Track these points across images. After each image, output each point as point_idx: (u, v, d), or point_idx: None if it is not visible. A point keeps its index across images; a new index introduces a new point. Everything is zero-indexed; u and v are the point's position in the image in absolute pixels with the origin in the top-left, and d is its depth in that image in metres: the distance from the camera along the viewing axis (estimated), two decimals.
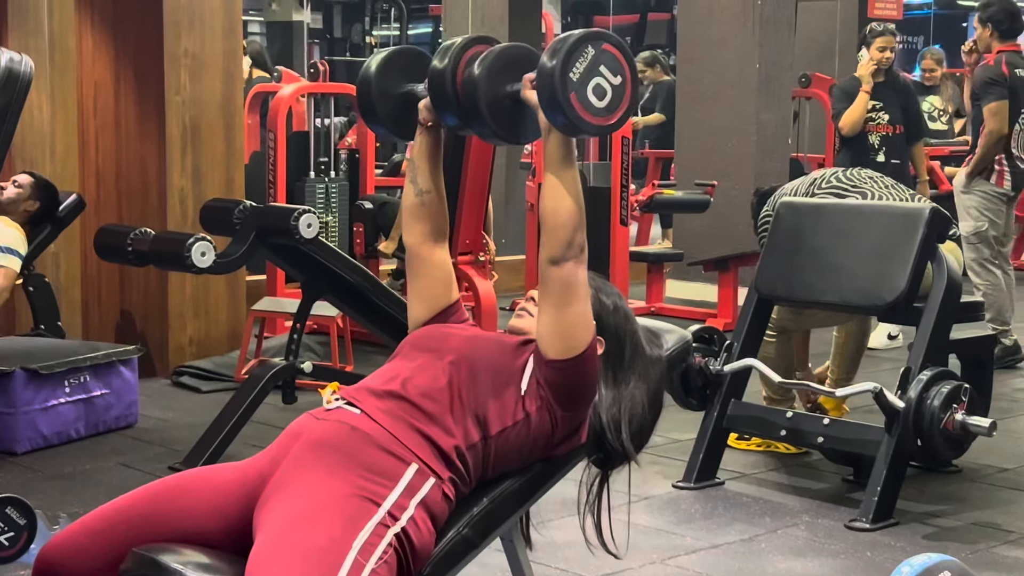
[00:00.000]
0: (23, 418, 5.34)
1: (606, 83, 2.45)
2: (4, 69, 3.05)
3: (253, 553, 2.26)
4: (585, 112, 2.43)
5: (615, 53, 2.47)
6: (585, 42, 2.44)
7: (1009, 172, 7.02)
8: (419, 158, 2.82)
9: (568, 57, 2.41)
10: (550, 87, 2.42)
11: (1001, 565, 4.16)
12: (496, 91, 2.56)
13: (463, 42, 2.72)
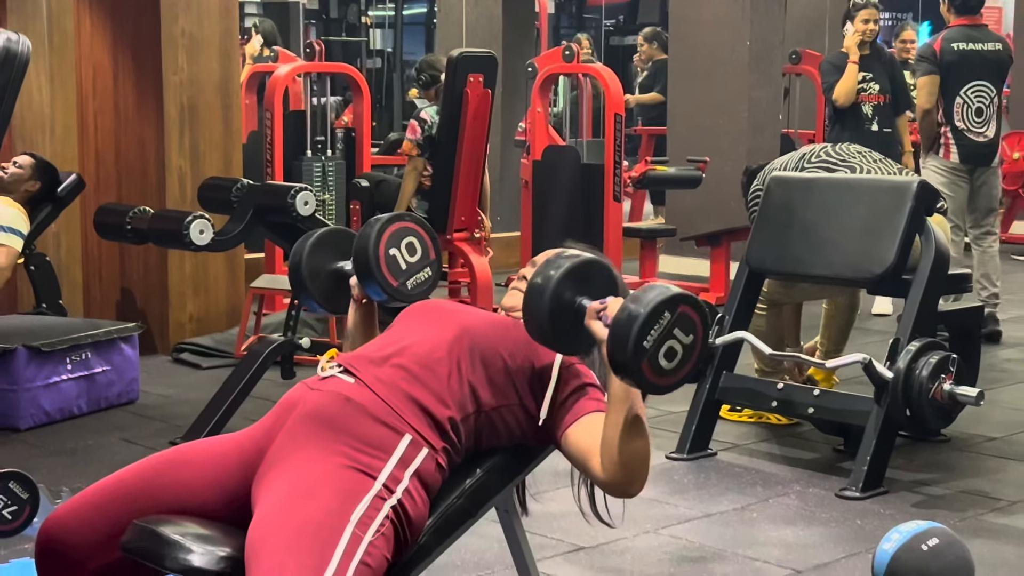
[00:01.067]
0: (25, 395, 5.35)
1: (678, 345, 2.33)
2: (1, 48, 3.05)
3: (252, 528, 2.27)
4: (652, 374, 2.32)
5: (691, 315, 2.35)
6: (663, 307, 2.30)
7: (955, 144, 7.02)
8: (353, 330, 2.87)
9: (649, 324, 2.28)
10: (621, 355, 2.30)
11: (989, 532, 4.18)
12: (562, 299, 2.43)
13: (386, 219, 2.76)
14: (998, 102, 7.09)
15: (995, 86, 7.06)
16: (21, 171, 6.00)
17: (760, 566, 3.90)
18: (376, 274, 2.73)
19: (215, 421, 4.71)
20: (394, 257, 2.75)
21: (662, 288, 2.32)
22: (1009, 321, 7.57)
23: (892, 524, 3.71)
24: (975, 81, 6.99)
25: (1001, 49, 7.11)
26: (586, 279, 2.45)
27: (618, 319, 2.30)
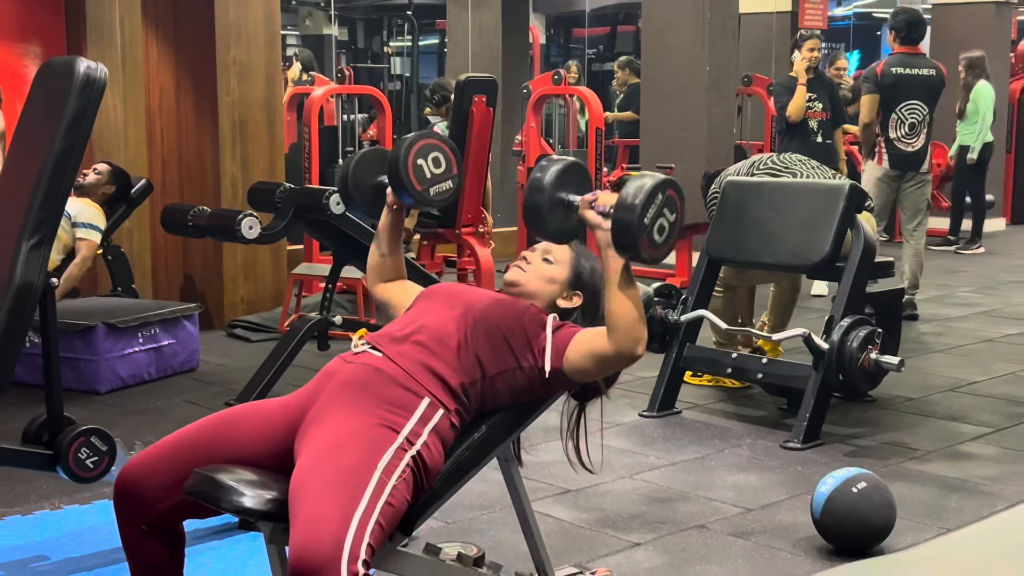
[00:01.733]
0: (104, 364, 5.36)
1: (666, 222, 2.41)
2: (83, 75, 3.04)
3: (295, 474, 2.27)
4: (650, 248, 2.39)
5: (675, 197, 2.43)
6: (656, 191, 2.38)
7: (887, 153, 7.03)
8: (383, 231, 2.86)
9: (644, 206, 2.35)
10: (626, 231, 2.36)
11: (908, 477, 4.19)
12: (556, 199, 2.52)
13: (412, 138, 2.76)
14: (929, 119, 7.04)
15: (927, 105, 7.02)
16: (100, 177, 6.01)
17: (717, 505, 3.91)
18: (404, 180, 2.73)
19: (263, 385, 4.71)
20: (421, 166, 2.74)
21: (652, 175, 2.40)
22: (926, 300, 7.58)
23: (828, 470, 3.73)
24: (909, 100, 6.98)
25: (934, 74, 7.08)
26: (569, 177, 2.53)
27: (622, 204, 2.37)
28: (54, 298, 3.22)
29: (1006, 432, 4.78)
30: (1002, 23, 11.67)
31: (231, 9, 6.67)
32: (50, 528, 3.68)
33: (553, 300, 2.68)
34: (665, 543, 3.58)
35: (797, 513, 3.80)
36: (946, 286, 8.39)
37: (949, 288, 8.31)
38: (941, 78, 7.11)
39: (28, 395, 4.09)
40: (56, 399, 3.28)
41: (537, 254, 2.73)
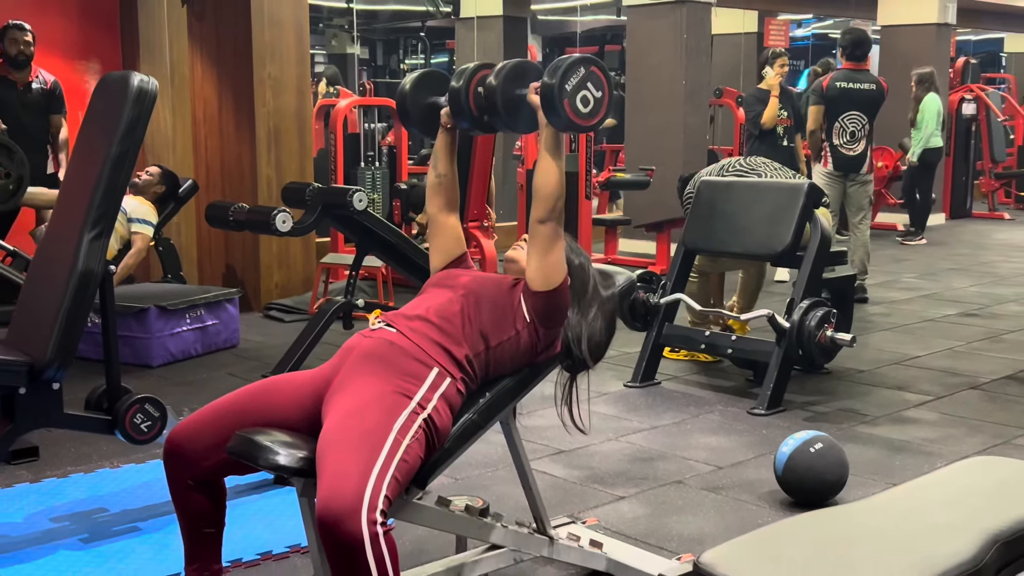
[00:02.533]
0: (156, 341, 5.37)
1: (591, 95, 2.43)
2: (137, 88, 3.04)
3: (322, 435, 2.27)
4: (574, 115, 2.42)
5: (599, 74, 2.46)
6: (578, 64, 2.42)
7: (832, 156, 7.03)
8: (440, 151, 2.81)
9: (564, 74, 2.40)
10: (550, 95, 2.42)
11: (859, 438, 4.20)
12: (509, 92, 2.56)
13: (473, 68, 2.71)
14: (869, 127, 7.02)
15: (867, 115, 6.99)
16: (151, 178, 6.02)
17: (692, 464, 3.92)
18: (466, 110, 2.70)
19: (295, 360, 4.71)
20: (480, 93, 2.69)
21: (578, 54, 2.42)
22: (875, 285, 7.58)
23: (788, 433, 3.74)
24: (851, 111, 6.98)
25: (874, 88, 7.04)
26: (521, 75, 2.56)
27: (546, 77, 2.43)
28: (112, 283, 3.22)
29: (944, 400, 4.78)
30: (941, 43, 11.65)
31: (266, 31, 6.66)
32: (110, 484, 3.70)
33: None
34: (647, 496, 3.59)
35: (762, 470, 3.81)
36: (893, 272, 8.39)
37: (895, 274, 8.32)
38: (881, 92, 7.08)
39: (90, 368, 4.10)
40: (114, 372, 3.29)
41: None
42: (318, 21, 13.70)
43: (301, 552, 3.09)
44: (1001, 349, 5.78)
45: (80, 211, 3.03)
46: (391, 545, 2.12)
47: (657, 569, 2.85)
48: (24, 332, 3.11)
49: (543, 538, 2.81)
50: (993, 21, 15.95)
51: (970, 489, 1.98)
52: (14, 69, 6.19)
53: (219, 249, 7.01)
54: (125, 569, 2.99)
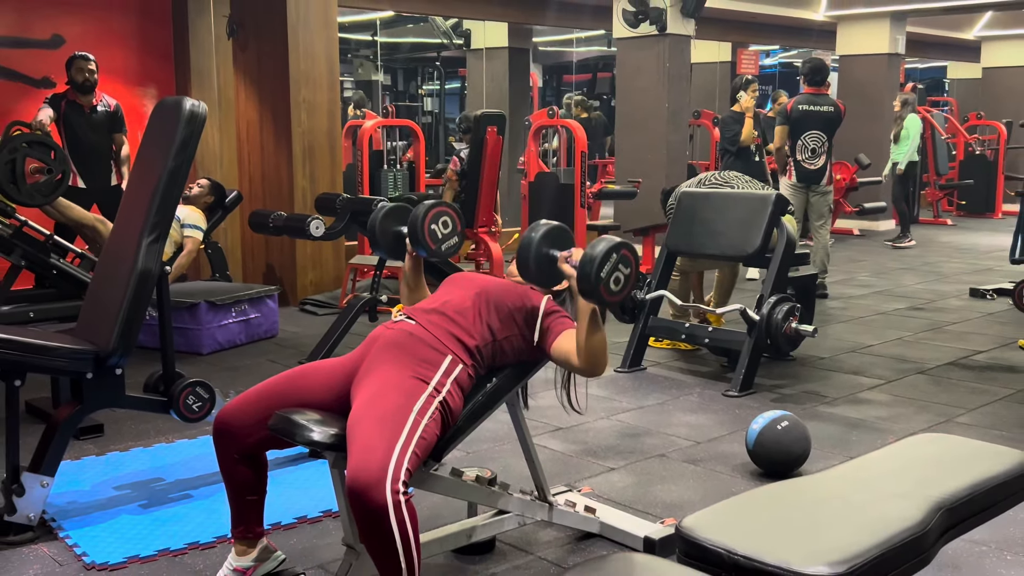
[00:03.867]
0: (206, 332, 5.38)
1: (621, 275, 2.37)
2: (189, 111, 3.04)
3: (351, 415, 2.28)
4: (607, 294, 2.35)
5: (628, 256, 2.38)
6: (610, 253, 2.34)
7: (795, 170, 7.02)
8: (407, 273, 2.84)
9: (600, 265, 2.32)
10: (588, 282, 2.33)
11: (820, 417, 4.19)
12: (541, 252, 2.48)
13: (427, 207, 2.74)
14: (828, 145, 6.99)
15: (826, 134, 6.97)
16: (202, 189, 6.02)
17: (674, 439, 3.92)
18: (422, 241, 2.73)
19: (326, 348, 4.71)
20: (434, 231, 2.74)
21: (609, 239, 2.37)
22: (834, 283, 7.57)
23: (758, 412, 3.74)
24: (811, 131, 6.96)
25: (832, 110, 7.00)
26: (553, 237, 2.51)
27: (584, 261, 2.35)
28: (167, 281, 3.23)
29: (895, 383, 4.77)
30: (892, 70, 11.63)
31: (301, 60, 6.66)
32: (165, 457, 3.70)
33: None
34: (634, 468, 3.58)
35: (735, 445, 3.81)
36: (850, 272, 8.37)
37: (852, 273, 8.30)
38: (839, 113, 7.03)
39: (148, 356, 4.11)
40: (170, 359, 3.30)
41: None
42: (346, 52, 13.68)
43: (332, 516, 3.09)
44: (944, 339, 5.77)
45: (140, 218, 3.03)
46: (411, 511, 2.12)
47: (643, 531, 2.85)
48: (91, 324, 3.12)
49: (544, 504, 2.81)
50: (937, 51, 15.92)
51: (917, 462, 1.98)
52: (81, 94, 6.19)
53: (260, 251, 7.02)
54: (179, 531, 2.99)
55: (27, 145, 4.94)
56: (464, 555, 2.81)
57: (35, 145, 4.98)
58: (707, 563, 1.58)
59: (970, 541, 2.89)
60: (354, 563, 2.36)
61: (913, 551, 1.62)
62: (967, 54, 15.64)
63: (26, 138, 4.99)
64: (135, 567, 2.76)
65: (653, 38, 8.96)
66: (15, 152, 4.88)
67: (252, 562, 2.55)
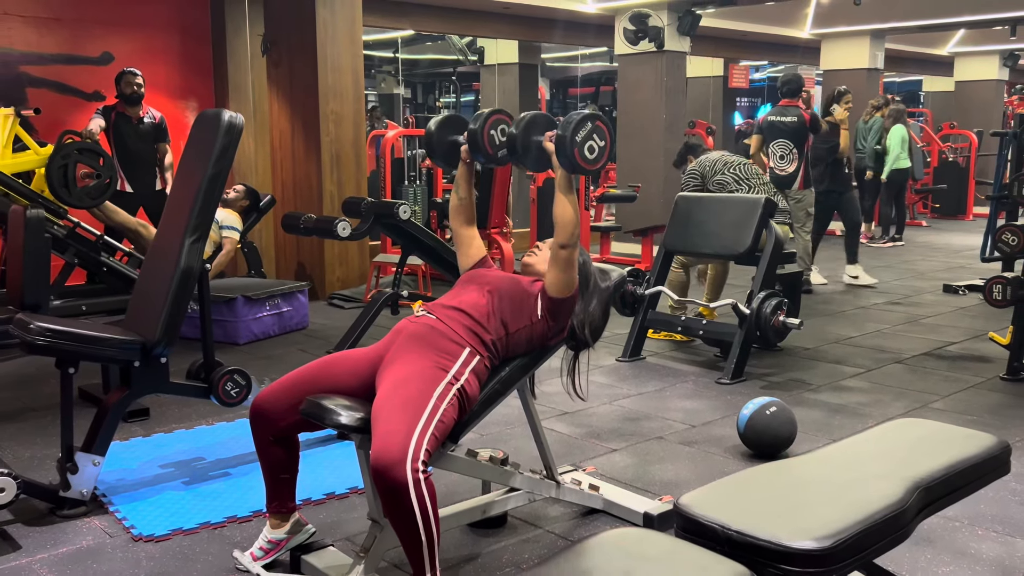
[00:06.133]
0: (242, 324, 5.39)
1: (596, 144, 2.39)
2: (227, 122, 3.04)
3: (376, 401, 2.28)
4: (582, 161, 2.38)
5: (603, 127, 2.42)
6: (586, 120, 2.38)
7: (770, 176, 6.92)
8: (460, 179, 2.82)
9: (575, 128, 2.36)
10: (562, 145, 2.38)
11: (806, 403, 4.18)
12: (526, 139, 2.51)
13: (487, 113, 2.71)
14: (797, 152, 6.81)
15: (793, 142, 6.79)
16: (238, 194, 6.03)
17: (671, 423, 3.91)
18: (480, 146, 2.70)
19: (352, 339, 4.71)
20: (492, 136, 2.71)
21: (586, 111, 2.39)
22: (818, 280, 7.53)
23: (749, 398, 3.73)
24: (779, 139, 6.86)
25: (796, 121, 6.82)
26: (537, 125, 2.53)
27: (561, 124, 2.40)
28: (208, 278, 3.23)
29: (874, 371, 4.75)
30: (872, 84, 11.57)
31: (329, 75, 6.67)
32: (206, 438, 3.71)
33: None
34: (634, 449, 3.58)
35: (727, 428, 3.80)
36: (833, 270, 8.33)
37: (835, 271, 8.26)
38: (803, 123, 6.82)
39: (190, 346, 4.11)
40: (210, 348, 3.30)
41: (545, 244, 2.73)
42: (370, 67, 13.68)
43: (358, 493, 3.10)
44: (920, 331, 5.74)
45: (183, 220, 3.04)
46: (430, 488, 2.12)
47: (643, 508, 2.84)
48: (138, 317, 3.13)
49: (552, 482, 2.81)
50: (913, 66, 15.83)
51: (897, 445, 1.97)
52: (129, 106, 6.21)
53: (292, 250, 7.03)
54: (219, 506, 3.00)
55: (78, 152, 4.96)
56: (479, 528, 2.81)
57: (85, 152, 5.00)
58: (703, 537, 1.57)
59: (944, 518, 2.87)
60: (378, 536, 2.37)
61: (893, 527, 1.61)
62: (941, 68, 15.55)
63: (77, 145, 5.01)
64: (178, 539, 2.77)
65: (652, 54, 8.93)
66: (67, 158, 4.91)
67: (285, 534, 2.55)
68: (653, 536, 1.61)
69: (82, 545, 2.73)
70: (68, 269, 5.15)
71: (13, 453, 3.48)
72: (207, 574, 2.55)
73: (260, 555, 2.53)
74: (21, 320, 2.86)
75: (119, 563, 2.62)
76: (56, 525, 2.86)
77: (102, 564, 2.61)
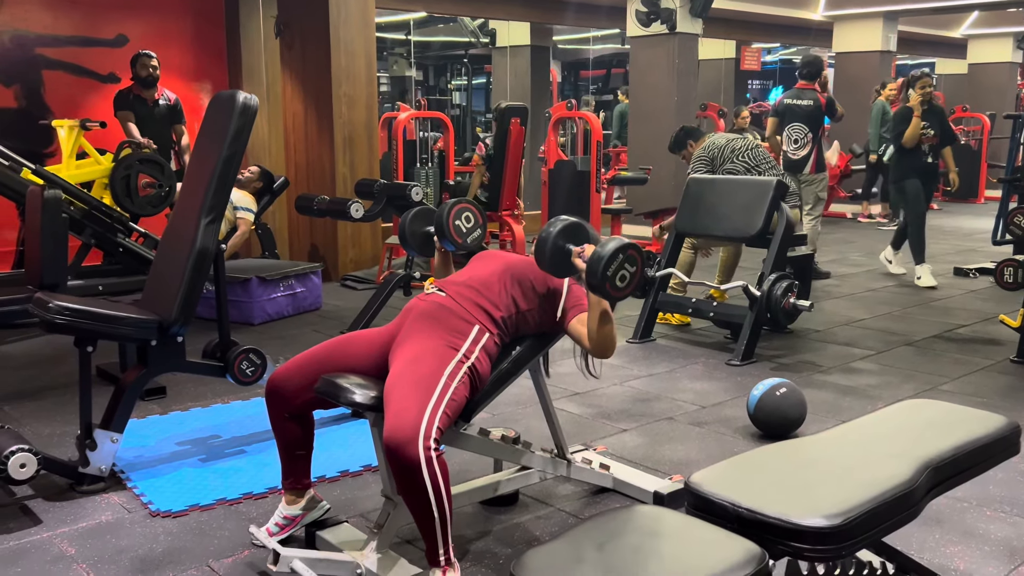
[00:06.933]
0: (256, 304, 5.41)
1: (627, 273, 2.33)
2: (242, 103, 3.04)
3: (388, 379, 2.28)
4: (613, 291, 2.32)
5: (634, 255, 2.34)
6: (617, 253, 2.30)
7: (782, 160, 6.87)
8: (438, 265, 2.87)
9: (606, 265, 2.29)
10: (596, 278, 2.30)
11: (815, 384, 4.18)
12: (557, 245, 2.42)
13: (451, 203, 2.76)
14: (811, 136, 6.73)
15: (808, 126, 6.72)
16: (252, 175, 6.03)
17: (681, 403, 3.92)
18: (448, 235, 2.74)
19: (365, 320, 4.73)
20: (458, 226, 2.75)
21: (617, 239, 2.35)
22: (827, 262, 7.51)
23: (759, 380, 3.73)
24: (794, 123, 6.79)
25: (812, 104, 6.73)
26: (570, 232, 2.46)
27: (591, 259, 2.32)
28: (223, 259, 3.25)
29: (884, 354, 4.74)
30: (884, 66, 11.46)
31: (342, 58, 6.65)
32: (221, 416, 3.74)
33: None
34: (645, 429, 3.59)
35: (737, 409, 3.80)
36: (842, 252, 8.30)
37: (844, 253, 8.23)
38: (819, 107, 6.73)
39: (206, 326, 4.14)
40: (225, 328, 3.32)
41: None
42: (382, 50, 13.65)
43: (371, 470, 3.12)
44: (930, 313, 5.72)
45: (198, 201, 3.04)
46: (443, 466, 2.13)
47: (653, 486, 2.85)
48: (155, 297, 3.14)
49: (563, 461, 2.82)
50: (926, 49, 15.68)
51: (907, 425, 1.96)
52: (144, 88, 6.22)
53: (305, 231, 7.04)
54: (235, 482, 3.03)
55: (139, 163, 5.15)
56: (491, 506, 2.83)
57: (147, 163, 5.19)
58: (713, 515, 1.58)
59: (953, 498, 2.87)
60: (392, 512, 2.38)
61: (902, 506, 1.61)
62: (954, 51, 15.40)
63: (139, 156, 5.21)
64: (195, 514, 2.80)
65: (664, 36, 8.87)
66: (129, 169, 5.12)
67: (300, 510, 2.57)
68: (665, 513, 1.62)
69: (101, 520, 2.76)
70: (85, 250, 5.19)
71: (33, 430, 3.51)
72: (224, 549, 2.58)
73: (276, 531, 2.55)
74: (40, 299, 2.88)
75: (138, 538, 2.65)
76: (76, 500, 2.89)
77: (121, 539, 2.64)
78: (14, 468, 2.74)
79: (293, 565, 2.28)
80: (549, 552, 1.45)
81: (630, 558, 1.44)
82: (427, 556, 2.18)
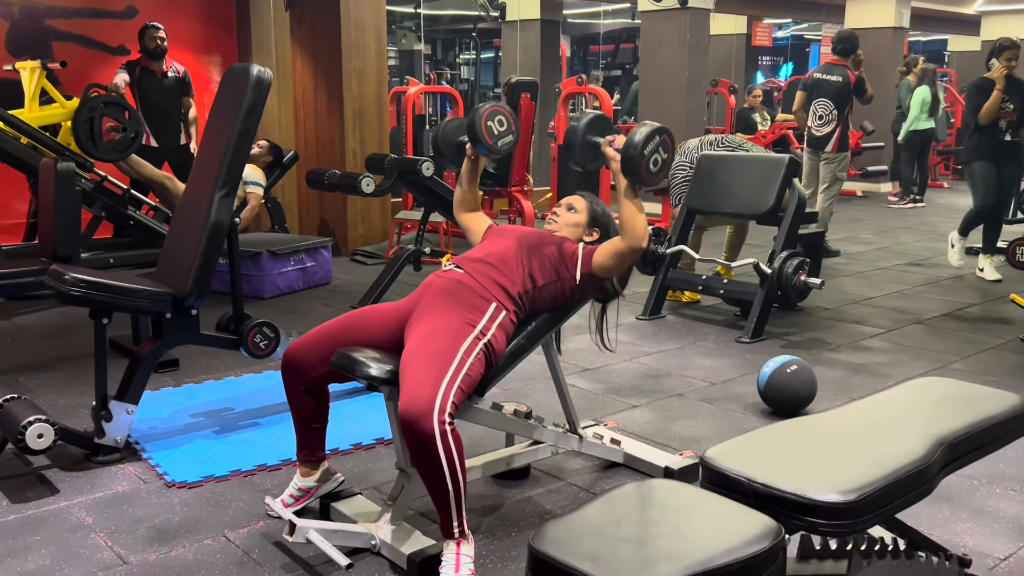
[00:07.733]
0: (267, 278, 5.43)
1: (660, 158, 2.41)
2: (256, 77, 3.03)
3: (404, 353, 2.29)
4: (647, 174, 2.40)
5: (668, 140, 2.44)
6: (655, 133, 2.40)
7: (806, 136, 6.83)
8: (464, 173, 2.85)
9: (645, 142, 2.37)
10: (632, 159, 2.39)
11: (825, 362, 4.18)
12: (584, 137, 2.53)
13: (485, 111, 2.74)
14: (836, 113, 6.67)
15: (835, 103, 6.65)
16: (262, 150, 6.03)
17: (691, 380, 3.93)
18: (480, 137, 2.73)
19: (375, 295, 4.75)
20: (491, 127, 2.74)
21: (651, 124, 2.41)
22: (838, 240, 7.49)
23: (769, 357, 3.74)
24: (821, 98, 6.76)
25: (841, 80, 6.69)
26: (597, 125, 2.55)
27: (629, 143, 2.42)
28: (237, 232, 3.25)
29: (894, 332, 4.75)
30: (897, 43, 11.37)
31: (352, 32, 6.62)
32: (235, 389, 3.76)
33: (580, 238, 2.67)
34: (655, 405, 3.60)
35: (747, 386, 3.81)
36: (853, 230, 8.28)
37: (855, 232, 8.21)
38: (847, 84, 6.66)
39: (219, 299, 4.16)
40: (239, 302, 3.33)
41: (563, 208, 2.72)
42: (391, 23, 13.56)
43: (385, 443, 3.14)
44: (940, 292, 5.71)
45: (212, 175, 3.05)
46: (456, 439, 2.15)
47: (663, 462, 2.87)
48: (169, 270, 3.16)
49: (574, 436, 2.84)
50: (939, 25, 15.53)
51: (920, 402, 1.97)
52: (152, 60, 6.20)
53: (315, 206, 7.04)
54: (249, 454, 3.05)
55: (104, 105, 4.97)
56: (503, 479, 2.86)
57: (111, 105, 5.01)
58: (729, 490, 1.59)
59: (964, 476, 2.89)
60: (406, 485, 2.41)
61: (917, 482, 1.63)
62: (967, 28, 15.25)
63: (103, 99, 5.02)
64: (210, 485, 2.83)
65: (675, 11, 8.81)
66: (93, 111, 4.92)
67: (315, 482, 2.60)
68: (683, 488, 1.63)
69: (117, 490, 2.79)
70: (96, 222, 5.20)
71: (49, 401, 3.54)
72: (239, 519, 2.61)
73: (291, 502, 2.58)
74: (56, 271, 2.90)
75: (154, 508, 2.68)
76: (92, 471, 2.92)
77: (137, 508, 2.67)
78: (31, 438, 2.77)
79: (309, 535, 2.31)
80: (568, 524, 1.46)
81: (649, 531, 1.46)
82: (441, 528, 2.20)
